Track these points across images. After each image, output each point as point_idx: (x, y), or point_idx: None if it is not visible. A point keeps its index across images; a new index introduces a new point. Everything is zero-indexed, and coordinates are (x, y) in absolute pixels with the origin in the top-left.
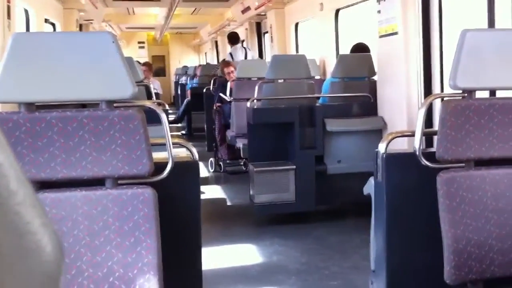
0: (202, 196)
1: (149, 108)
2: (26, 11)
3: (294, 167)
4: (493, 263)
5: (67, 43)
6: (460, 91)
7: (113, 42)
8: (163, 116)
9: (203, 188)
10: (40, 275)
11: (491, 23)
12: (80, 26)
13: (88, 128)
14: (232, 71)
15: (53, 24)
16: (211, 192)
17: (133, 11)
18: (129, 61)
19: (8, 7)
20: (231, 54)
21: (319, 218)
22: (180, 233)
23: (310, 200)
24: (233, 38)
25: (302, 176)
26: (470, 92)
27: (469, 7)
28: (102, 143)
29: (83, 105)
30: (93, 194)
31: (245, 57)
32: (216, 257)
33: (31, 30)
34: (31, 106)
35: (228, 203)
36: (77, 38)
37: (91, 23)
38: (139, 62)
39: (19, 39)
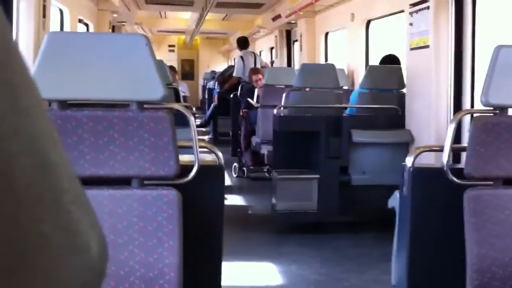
0: (225, 201)
1: (177, 110)
2: (61, 11)
3: (318, 176)
4: None
5: (101, 44)
6: (492, 108)
7: (146, 44)
8: (191, 119)
9: (225, 193)
10: (86, 274)
11: None
12: (113, 28)
13: (117, 128)
14: (260, 79)
15: (86, 25)
16: (233, 197)
17: (165, 15)
18: (160, 64)
19: (44, 7)
20: (242, 57)
21: (340, 229)
22: (202, 236)
23: (333, 210)
24: (243, 43)
25: (326, 186)
26: (502, 109)
27: (504, 23)
28: (130, 144)
29: (113, 105)
30: (119, 193)
31: (255, 63)
32: (235, 263)
33: (65, 29)
34: (63, 104)
35: (250, 209)
36: (110, 39)
37: (124, 25)
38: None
39: (54, 38)
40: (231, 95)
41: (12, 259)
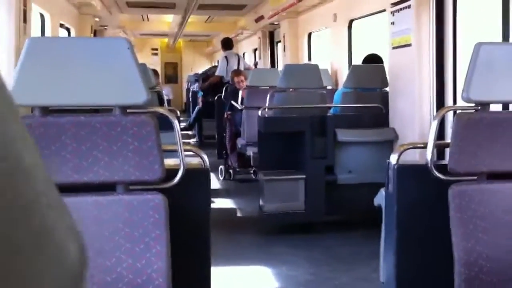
0: (212, 204)
1: (161, 114)
2: (41, 16)
3: (304, 176)
4: (504, 277)
5: (82, 48)
6: (473, 104)
7: (128, 48)
8: (175, 122)
9: (212, 195)
10: (65, 278)
11: (506, 36)
12: (95, 32)
13: (101, 133)
14: (242, 80)
15: (68, 29)
16: (220, 200)
17: (147, 18)
18: (142, 67)
19: (24, 11)
20: (226, 57)
21: (328, 228)
22: (189, 239)
23: (320, 210)
24: (227, 44)
25: (312, 186)
26: (483, 105)
27: (484, 20)
28: (114, 149)
29: (95, 110)
30: (104, 199)
31: (238, 65)
32: (224, 265)
33: (46, 34)
34: (45, 110)
35: (237, 211)
36: (92, 44)
37: (106, 28)
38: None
39: (35, 43)
40: (216, 97)
41: None
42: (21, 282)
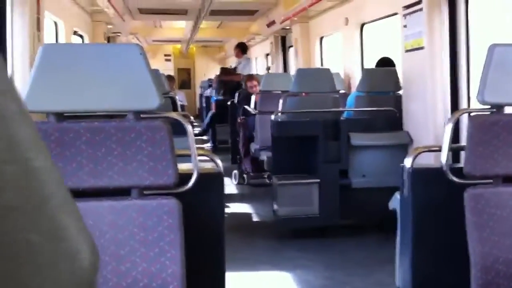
0: (226, 209)
1: (175, 119)
2: (55, 24)
3: (318, 180)
4: None
5: (96, 55)
6: (489, 106)
7: (140, 54)
8: (189, 127)
9: (226, 200)
10: (76, 280)
11: None
12: (108, 39)
13: (115, 139)
14: (255, 85)
15: (81, 36)
16: (234, 204)
17: (160, 25)
18: (155, 73)
19: (38, 19)
20: (248, 59)
21: (342, 232)
22: (203, 244)
23: (334, 214)
24: (245, 48)
25: (326, 190)
26: (498, 107)
27: (497, 22)
28: (128, 154)
29: (110, 116)
30: (119, 204)
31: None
32: (239, 269)
33: (59, 42)
34: (60, 116)
35: (251, 216)
36: (105, 50)
37: (119, 35)
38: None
39: (49, 50)
40: (229, 102)
41: None
42: (34, 280)
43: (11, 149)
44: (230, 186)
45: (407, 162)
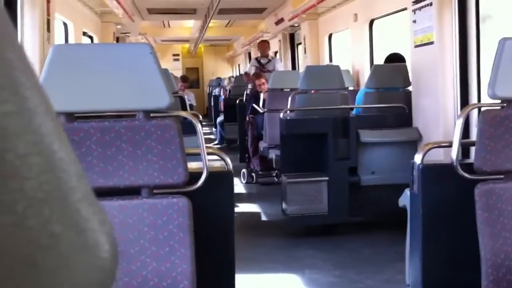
0: (235, 208)
1: (184, 118)
2: (65, 25)
3: (327, 178)
4: None
5: (106, 55)
6: (499, 101)
7: (150, 53)
8: (198, 126)
9: (235, 199)
10: (97, 272)
11: None
12: (117, 39)
13: (125, 138)
14: (263, 83)
15: (91, 37)
16: (243, 203)
17: (169, 24)
18: (165, 72)
19: (48, 21)
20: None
21: (352, 230)
22: (213, 242)
23: (343, 211)
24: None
25: (335, 188)
26: (509, 101)
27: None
28: (138, 153)
29: (119, 116)
30: (129, 203)
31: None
32: (248, 268)
33: (69, 43)
34: (71, 116)
35: (260, 214)
36: (115, 50)
37: (128, 36)
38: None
39: (59, 50)
40: (237, 101)
41: (22, 262)
42: (57, 278)
43: (36, 140)
44: (238, 185)
45: (417, 158)
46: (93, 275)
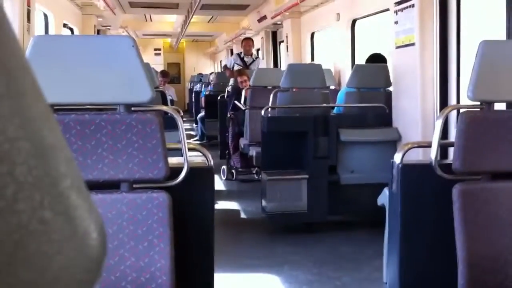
0: (214, 205)
1: (166, 113)
2: (45, 16)
3: (307, 176)
4: (507, 277)
5: (87, 47)
6: (478, 103)
7: (132, 46)
8: (180, 121)
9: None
10: (86, 259)
11: (510, 34)
12: (98, 32)
13: (105, 131)
14: (245, 80)
15: (71, 29)
16: (222, 200)
17: (150, 18)
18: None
19: (28, 11)
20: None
21: (331, 228)
22: (193, 238)
23: (323, 210)
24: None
25: (315, 186)
26: (488, 103)
27: (488, 19)
28: (119, 147)
29: (100, 109)
30: (109, 197)
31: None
32: (227, 264)
33: (50, 34)
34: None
35: (240, 211)
36: (97, 42)
37: (109, 29)
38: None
39: (40, 41)
40: (218, 97)
41: (12, 248)
42: (47, 264)
43: (26, 125)
44: (218, 182)
45: (397, 158)
46: (81, 262)
